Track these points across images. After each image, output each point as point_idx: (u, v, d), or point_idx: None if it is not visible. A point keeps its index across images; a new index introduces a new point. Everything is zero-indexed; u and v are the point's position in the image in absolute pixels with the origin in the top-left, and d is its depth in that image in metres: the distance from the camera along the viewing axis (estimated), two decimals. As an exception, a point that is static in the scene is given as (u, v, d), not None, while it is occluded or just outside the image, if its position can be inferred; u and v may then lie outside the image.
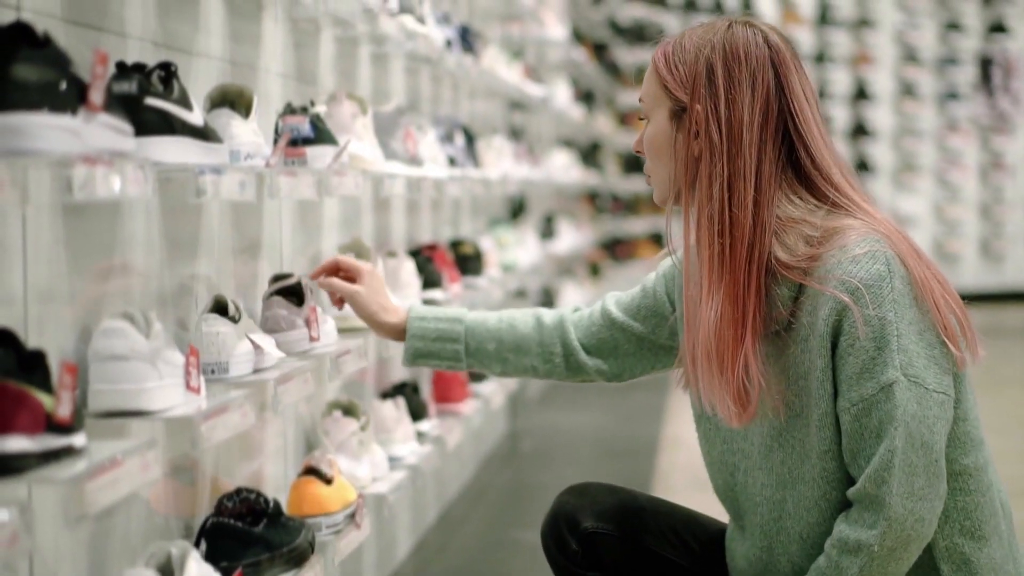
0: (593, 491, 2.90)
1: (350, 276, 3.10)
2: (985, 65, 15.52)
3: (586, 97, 11.48)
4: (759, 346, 2.53)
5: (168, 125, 2.44)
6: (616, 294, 2.99)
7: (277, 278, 3.23)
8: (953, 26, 15.49)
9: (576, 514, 2.83)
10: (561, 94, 9.63)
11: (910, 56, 15.51)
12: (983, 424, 2.62)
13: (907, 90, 15.52)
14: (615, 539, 2.81)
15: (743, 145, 2.53)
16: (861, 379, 2.45)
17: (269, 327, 3.14)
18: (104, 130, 2.05)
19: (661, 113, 2.63)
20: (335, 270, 3.11)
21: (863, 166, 15.36)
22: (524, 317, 3.01)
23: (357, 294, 3.06)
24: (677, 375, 2.75)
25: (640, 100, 2.69)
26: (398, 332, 3.06)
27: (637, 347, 2.92)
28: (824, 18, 15.50)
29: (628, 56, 13.19)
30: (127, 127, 2.16)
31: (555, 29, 9.30)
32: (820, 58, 15.47)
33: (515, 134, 8.11)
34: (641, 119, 2.70)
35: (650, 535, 2.84)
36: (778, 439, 2.58)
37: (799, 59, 2.63)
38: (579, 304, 3.10)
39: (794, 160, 2.57)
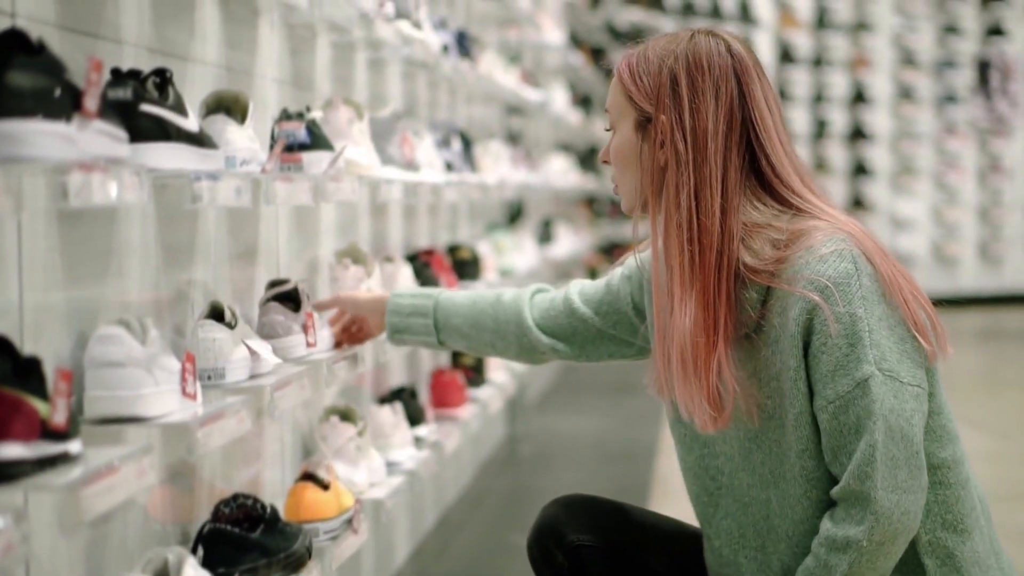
0: (579, 503, 2.91)
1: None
2: (983, 68, 15.53)
3: (584, 102, 11.49)
4: (731, 351, 2.55)
5: (163, 131, 2.44)
6: (582, 282, 3.04)
7: (273, 284, 3.24)
8: (951, 29, 15.50)
9: (562, 527, 2.83)
10: (559, 99, 9.63)
11: (908, 59, 15.53)
12: (955, 419, 2.65)
13: (905, 93, 15.53)
14: (601, 551, 2.82)
15: (708, 154, 2.56)
16: (836, 376, 2.47)
17: (266, 333, 3.14)
18: (99, 137, 2.05)
19: (627, 124, 2.66)
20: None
21: (861, 169, 15.38)
22: (487, 295, 3.12)
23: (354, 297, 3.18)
24: (649, 380, 2.75)
25: (606, 111, 2.72)
26: (382, 310, 3.23)
27: (595, 336, 3.00)
28: (822, 22, 15.51)
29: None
30: (122, 134, 2.16)
31: (552, 34, 9.30)
32: (818, 62, 15.49)
33: (513, 139, 8.12)
34: (607, 130, 2.72)
35: (637, 547, 2.84)
36: (755, 440, 2.60)
37: (761, 67, 2.65)
38: (544, 285, 3.13)
39: (756, 168, 2.59)
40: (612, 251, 12.92)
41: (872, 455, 2.45)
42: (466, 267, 5.40)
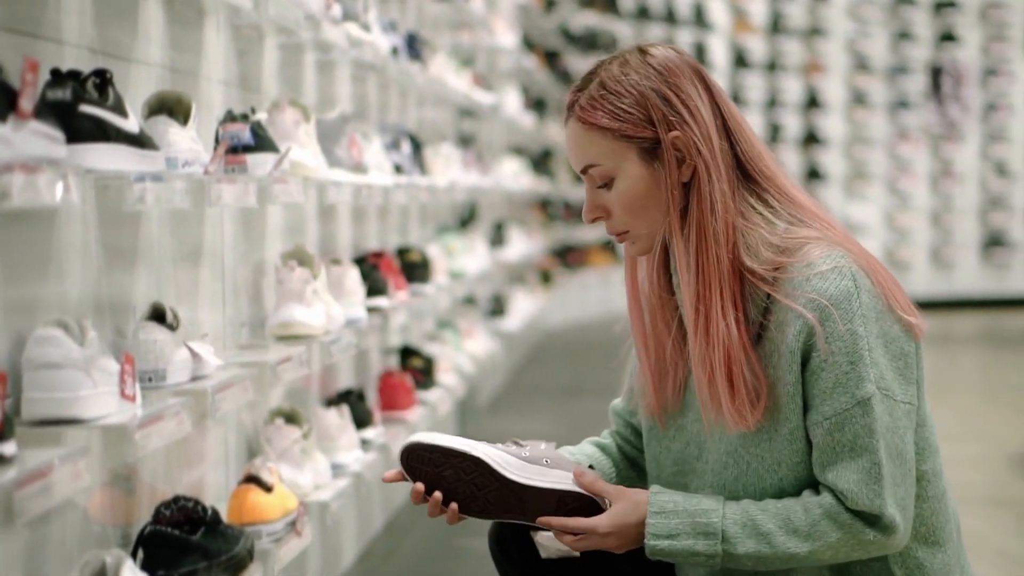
0: None
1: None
2: (935, 74, 15.63)
3: (537, 105, 11.51)
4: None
5: (103, 132, 2.43)
6: (615, 414, 2.94)
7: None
8: (904, 35, 15.60)
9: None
10: (511, 102, 9.64)
11: (861, 65, 15.62)
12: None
13: (858, 98, 15.62)
14: None
15: (717, 153, 2.53)
16: (835, 393, 2.45)
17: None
18: (34, 137, 2.05)
19: (630, 163, 2.54)
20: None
21: (815, 174, 15.45)
22: (586, 448, 2.89)
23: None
24: (644, 401, 2.72)
25: (587, 171, 2.58)
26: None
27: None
28: (776, 26, 15.58)
29: (580, 64, 13.21)
30: (58, 134, 2.15)
31: (505, 37, 9.32)
32: (772, 66, 15.56)
33: (465, 142, 8.11)
34: (600, 187, 2.58)
35: None
36: (732, 456, 2.57)
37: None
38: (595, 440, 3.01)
39: (739, 162, 2.58)
40: (566, 254, 12.94)
41: (879, 473, 2.44)
42: (415, 270, 5.40)
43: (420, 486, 2.56)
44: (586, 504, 2.55)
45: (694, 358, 2.57)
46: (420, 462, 2.55)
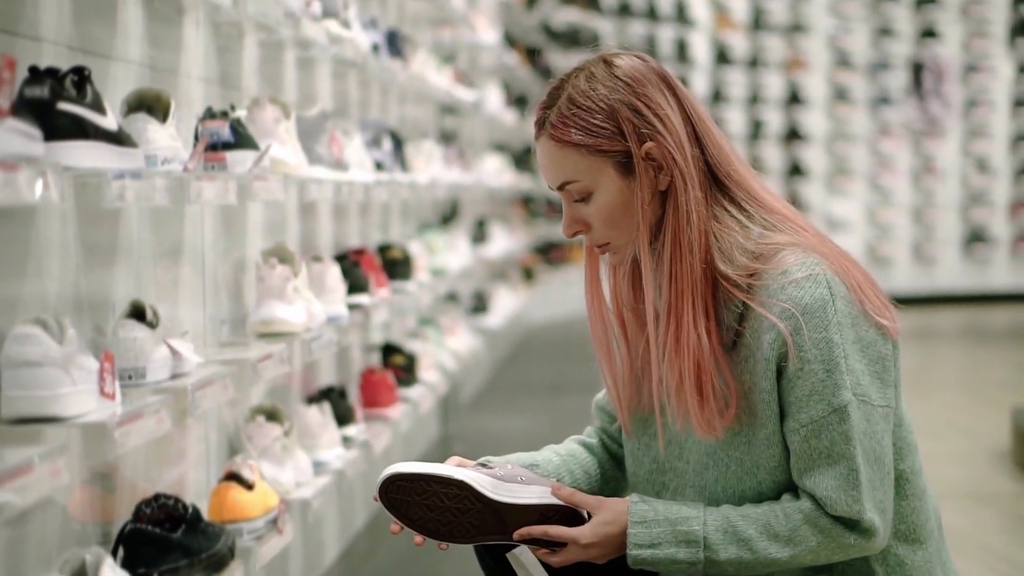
0: None
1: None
2: (917, 70, 15.65)
3: (519, 101, 11.50)
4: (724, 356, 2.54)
5: (81, 130, 2.43)
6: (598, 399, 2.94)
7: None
8: (885, 31, 15.62)
9: None
10: (493, 98, 9.63)
11: (843, 61, 15.64)
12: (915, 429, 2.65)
13: (840, 94, 15.64)
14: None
15: (690, 161, 2.53)
16: (811, 401, 2.46)
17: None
18: (11, 135, 2.04)
19: (607, 178, 2.53)
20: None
21: (797, 170, 15.47)
22: (569, 446, 2.88)
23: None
24: (620, 405, 2.72)
25: (563, 187, 2.57)
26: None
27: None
28: (757, 23, 15.59)
29: (562, 60, 13.21)
30: (36, 132, 2.14)
31: (487, 34, 9.31)
32: (753, 63, 15.57)
33: (446, 138, 8.11)
34: (578, 201, 2.57)
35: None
36: (713, 457, 2.57)
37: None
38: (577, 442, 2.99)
39: (709, 168, 2.57)
40: (548, 251, 12.94)
41: (857, 479, 2.45)
42: (397, 267, 5.39)
43: (395, 527, 2.56)
44: (567, 516, 2.55)
45: (664, 366, 2.57)
46: (400, 492, 2.53)
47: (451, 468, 2.56)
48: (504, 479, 2.56)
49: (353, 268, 4.56)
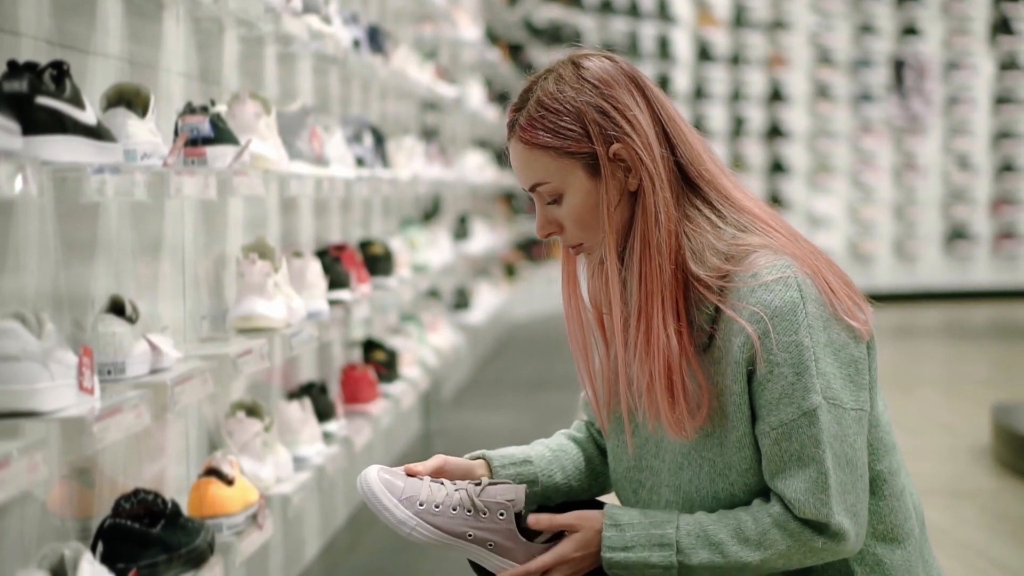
0: None
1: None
2: (898, 67, 15.69)
3: (501, 98, 11.50)
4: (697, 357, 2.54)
5: (60, 124, 2.42)
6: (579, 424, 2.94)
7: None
8: (867, 28, 15.65)
9: None
10: (475, 94, 9.63)
11: (824, 58, 15.66)
12: (894, 428, 2.65)
13: (821, 92, 15.66)
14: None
15: (659, 161, 2.53)
16: (781, 405, 2.46)
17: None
18: (-11, 129, 2.04)
19: (576, 179, 2.54)
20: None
21: (778, 167, 15.50)
22: (559, 440, 2.89)
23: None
24: (598, 407, 2.72)
25: (535, 188, 2.58)
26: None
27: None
28: (739, 20, 15.61)
29: (544, 57, 13.21)
30: (13, 126, 2.14)
31: (469, 30, 9.31)
32: (735, 60, 15.59)
33: (428, 135, 8.11)
34: (551, 203, 2.57)
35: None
36: (687, 457, 2.58)
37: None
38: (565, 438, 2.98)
39: (680, 168, 2.57)
40: (530, 247, 12.94)
41: (826, 483, 2.45)
42: (378, 262, 5.39)
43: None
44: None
45: (635, 367, 2.57)
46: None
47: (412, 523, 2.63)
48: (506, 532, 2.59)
49: (334, 264, 4.55)
